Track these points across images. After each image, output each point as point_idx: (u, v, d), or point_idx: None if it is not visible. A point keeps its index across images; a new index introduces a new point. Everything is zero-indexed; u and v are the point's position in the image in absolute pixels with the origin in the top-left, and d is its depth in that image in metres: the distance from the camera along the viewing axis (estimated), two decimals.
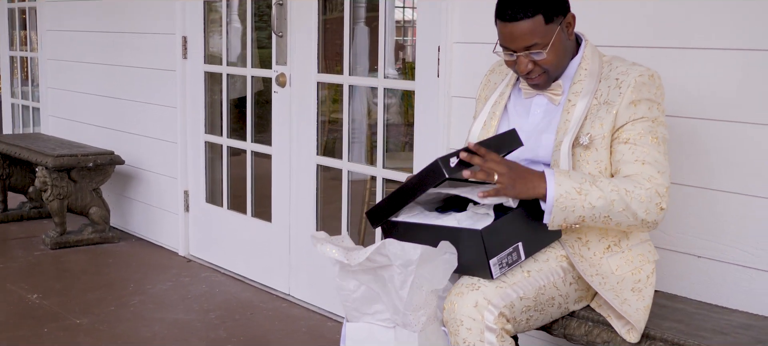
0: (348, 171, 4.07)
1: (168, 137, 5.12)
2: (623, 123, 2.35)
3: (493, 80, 2.72)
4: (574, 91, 2.44)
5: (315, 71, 4.12)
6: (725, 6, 2.62)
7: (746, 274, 2.65)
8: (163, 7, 5.03)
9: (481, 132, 2.60)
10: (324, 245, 2.28)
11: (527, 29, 2.36)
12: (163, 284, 4.57)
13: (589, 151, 2.37)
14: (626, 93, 2.35)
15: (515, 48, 2.39)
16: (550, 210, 2.28)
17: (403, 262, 2.18)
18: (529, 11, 2.34)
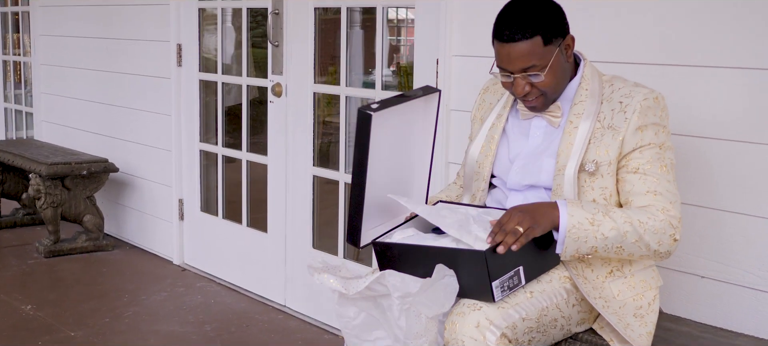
0: (345, 183, 4.03)
1: (162, 145, 5.08)
2: (630, 150, 2.31)
3: (488, 100, 2.66)
4: (576, 113, 2.39)
5: (311, 81, 4.08)
6: (732, 24, 2.58)
7: (753, 296, 2.62)
8: (157, 15, 4.98)
9: (480, 156, 2.55)
10: (321, 275, 2.23)
11: (525, 51, 2.30)
12: (158, 295, 4.53)
13: (594, 177, 2.33)
14: (632, 118, 2.30)
15: (512, 69, 2.33)
16: (562, 240, 2.25)
17: (402, 294, 2.14)
18: (527, 32, 2.29)
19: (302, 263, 4.23)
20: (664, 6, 2.73)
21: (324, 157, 4.29)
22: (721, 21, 2.60)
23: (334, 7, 4.00)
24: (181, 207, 5.02)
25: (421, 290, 2.13)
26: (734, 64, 2.58)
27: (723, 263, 2.67)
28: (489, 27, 3.22)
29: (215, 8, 4.74)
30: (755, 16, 2.53)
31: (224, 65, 4.76)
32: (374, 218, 2.44)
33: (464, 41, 3.36)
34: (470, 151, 2.58)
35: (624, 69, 2.76)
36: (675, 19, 2.70)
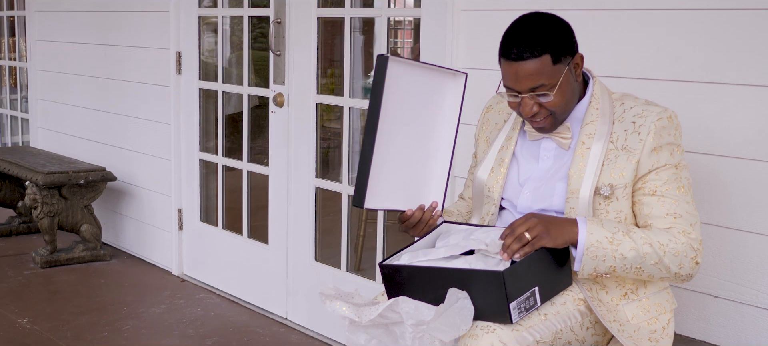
0: (348, 195, 3.97)
1: (161, 154, 5.02)
2: (646, 172, 2.25)
3: (493, 119, 2.58)
4: (587, 134, 2.32)
5: (314, 92, 4.02)
6: (746, 40, 2.53)
7: (767, 317, 2.57)
8: (157, 22, 4.92)
9: (489, 179, 2.47)
10: (334, 303, 2.17)
11: (534, 70, 2.22)
12: (157, 307, 4.47)
13: (609, 201, 2.27)
14: (647, 140, 2.24)
15: (520, 89, 2.25)
16: (580, 258, 2.20)
17: (416, 321, 2.08)
18: (536, 51, 2.22)
19: (304, 275, 4.17)
20: (676, 21, 2.68)
21: (324, 165, 4.22)
22: (736, 37, 2.56)
23: (338, 17, 3.94)
24: (180, 217, 4.96)
25: (436, 316, 2.07)
26: (749, 81, 2.53)
27: (736, 282, 2.63)
28: (496, 41, 3.17)
29: (215, 16, 4.68)
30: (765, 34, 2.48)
31: (225, 73, 4.70)
32: (383, 185, 2.33)
33: (471, 55, 3.30)
34: (478, 175, 2.50)
35: (636, 85, 2.71)
36: (688, 34, 2.66)
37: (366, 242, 4.78)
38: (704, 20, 2.62)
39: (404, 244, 3.75)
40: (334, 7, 4.03)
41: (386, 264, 2.29)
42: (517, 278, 2.13)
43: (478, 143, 2.61)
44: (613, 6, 2.81)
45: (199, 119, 4.79)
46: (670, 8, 2.69)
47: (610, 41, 2.84)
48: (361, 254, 4.73)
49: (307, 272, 4.16)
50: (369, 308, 2.12)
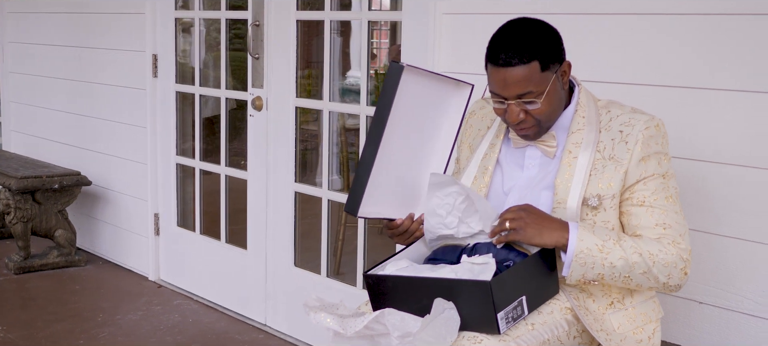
0: (328, 200, 3.93)
1: (137, 158, 4.95)
2: (634, 182, 2.22)
3: (476, 125, 2.53)
4: (574, 142, 2.28)
5: (293, 96, 3.97)
6: (732, 46, 2.52)
7: (752, 323, 2.56)
8: (132, 24, 4.85)
9: (472, 187, 2.41)
10: (318, 314, 2.12)
11: (521, 76, 2.17)
12: (134, 314, 4.40)
13: (597, 211, 2.24)
14: (635, 149, 2.21)
15: (507, 95, 2.19)
16: (569, 264, 2.17)
17: (402, 333, 2.04)
18: (524, 57, 2.16)
19: (284, 281, 4.13)
20: (660, 26, 2.66)
21: (302, 167, 4.16)
22: (719, 42, 2.54)
23: (317, 20, 3.89)
24: (156, 222, 4.89)
25: (422, 328, 2.03)
26: (733, 86, 2.52)
27: (722, 289, 2.61)
28: (479, 45, 3.14)
29: (192, 18, 4.62)
30: (756, 39, 2.47)
31: (202, 76, 4.63)
32: (378, 194, 2.29)
33: (453, 58, 3.27)
34: (462, 183, 2.42)
35: (621, 90, 2.69)
36: (672, 39, 2.64)
37: (345, 245, 4.75)
38: (687, 25, 2.60)
39: (385, 247, 3.73)
40: (313, 10, 3.98)
41: (371, 274, 2.25)
42: (504, 287, 2.10)
43: (460, 149, 2.56)
44: (596, 10, 2.79)
45: (176, 123, 4.73)
46: (653, 13, 2.67)
47: (593, 46, 2.82)
48: (340, 258, 4.69)
49: (287, 277, 4.11)
50: (354, 319, 2.08)
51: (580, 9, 2.85)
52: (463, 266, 2.23)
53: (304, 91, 4.10)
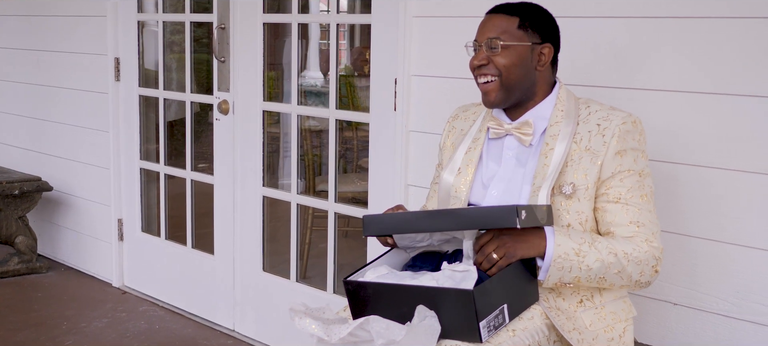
0: (297, 204, 3.90)
1: (100, 163, 4.88)
2: (609, 176, 2.25)
3: (459, 127, 2.57)
4: (551, 135, 2.32)
5: (260, 99, 3.93)
6: (705, 49, 2.54)
7: (726, 324, 2.58)
8: (94, 26, 4.77)
9: (456, 181, 2.44)
10: (303, 320, 2.10)
11: (498, 23, 2.32)
12: (99, 321, 4.33)
13: (570, 201, 2.27)
14: (611, 143, 2.24)
15: (481, 38, 2.34)
16: (546, 269, 2.19)
17: (386, 341, 2.02)
18: (509, 10, 2.33)
19: (252, 286, 4.09)
20: (636, 29, 2.67)
21: (265, 169, 4.11)
22: (693, 45, 2.56)
23: (282, 22, 3.86)
24: (120, 227, 4.83)
25: (406, 336, 2.02)
26: (706, 89, 2.54)
27: (695, 290, 2.63)
28: (449, 48, 3.15)
29: (156, 21, 4.56)
30: (727, 41, 2.49)
31: (166, 80, 4.57)
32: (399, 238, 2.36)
33: (423, 61, 3.26)
34: (445, 177, 2.47)
35: (593, 92, 2.70)
36: (646, 42, 2.65)
37: (312, 248, 4.72)
38: (663, 29, 2.62)
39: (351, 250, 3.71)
40: (280, 13, 3.95)
41: (351, 280, 2.23)
42: (486, 295, 2.09)
43: (443, 151, 2.58)
44: (571, 14, 2.80)
45: (139, 127, 4.66)
46: (629, 16, 2.68)
47: (567, 49, 2.82)
48: (306, 262, 4.67)
49: (255, 282, 4.08)
50: (339, 326, 2.06)
51: (555, 12, 2.85)
52: (443, 273, 2.22)
53: (266, 92, 4.06)
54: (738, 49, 2.47)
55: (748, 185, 2.50)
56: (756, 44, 2.44)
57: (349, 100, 6.31)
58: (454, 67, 3.16)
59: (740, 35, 2.47)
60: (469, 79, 3.05)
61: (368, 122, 3.50)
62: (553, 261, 2.17)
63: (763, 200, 2.48)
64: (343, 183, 5.02)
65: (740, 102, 2.48)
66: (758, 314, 2.52)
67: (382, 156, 3.44)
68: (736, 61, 2.48)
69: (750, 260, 2.52)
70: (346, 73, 8.42)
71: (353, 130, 6.01)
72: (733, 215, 2.53)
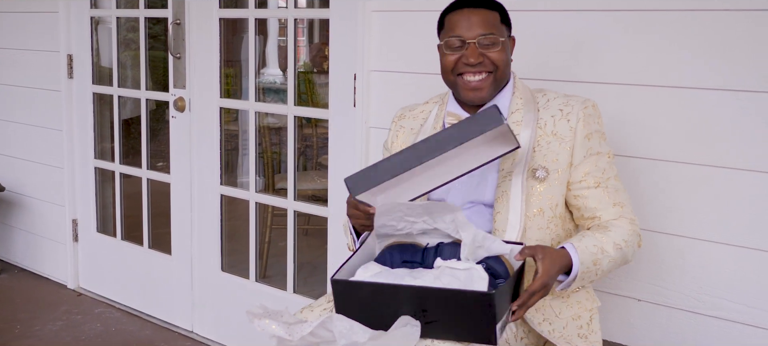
0: (256, 203, 3.83)
1: (53, 162, 4.77)
2: (581, 160, 2.25)
3: (408, 126, 2.50)
4: (514, 122, 2.30)
5: (217, 96, 3.86)
6: (662, 43, 2.52)
7: (690, 319, 2.57)
8: (45, 23, 4.66)
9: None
10: (262, 321, 2.04)
11: (486, 18, 2.26)
12: (53, 324, 4.23)
13: (542, 185, 2.25)
14: (578, 127, 2.25)
15: (470, 35, 2.25)
16: (568, 284, 2.18)
17: (349, 342, 1.97)
18: (488, 4, 2.28)
19: (210, 286, 4.02)
20: (595, 22, 2.65)
21: (224, 167, 4.05)
22: (651, 39, 2.54)
23: (239, 18, 3.79)
24: (75, 228, 4.72)
25: (371, 340, 1.96)
26: (668, 83, 2.52)
27: (660, 285, 2.62)
28: (408, 42, 3.11)
29: (109, 17, 4.46)
30: (686, 36, 2.47)
31: (122, 77, 4.48)
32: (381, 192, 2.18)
33: (383, 56, 3.22)
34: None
35: (552, 86, 2.67)
36: (608, 36, 2.63)
37: (272, 247, 4.66)
38: (623, 21, 2.60)
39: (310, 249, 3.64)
40: (236, 8, 3.88)
41: (341, 280, 2.06)
42: (501, 298, 2.01)
43: (390, 152, 2.51)
44: (529, 7, 2.77)
45: (93, 125, 4.57)
46: (588, 9, 2.66)
47: (526, 43, 2.79)
48: (266, 262, 4.60)
49: (214, 283, 4.01)
50: (300, 325, 2.01)
51: (514, 5, 2.82)
52: (444, 271, 2.12)
53: (224, 89, 3.99)
54: (695, 42, 2.46)
55: (707, 178, 2.49)
56: (713, 37, 2.43)
57: (308, 96, 6.25)
58: (413, 62, 3.12)
59: (697, 28, 2.45)
60: (429, 74, 3.03)
61: (328, 119, 3.45)
62: (578, 278, 2.17)
63: (721, 194, 2.47)
64: (302, 181, 4.96)
65: (698, 95, 2.47)
66: (720, 309, 2.51)
67: (342, 153, 3.39)
68: (694, 54, 2.46)
69: (710, 254, 2.51)
70: (305, 69, 8.36)
71: (313, 127, 5.95)
72: (695, 210, 2.52)
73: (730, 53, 2.41)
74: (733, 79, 2.41)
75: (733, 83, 2.42)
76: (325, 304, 2.27)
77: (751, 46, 2.37)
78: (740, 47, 2.39)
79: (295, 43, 3.61)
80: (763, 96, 2.37)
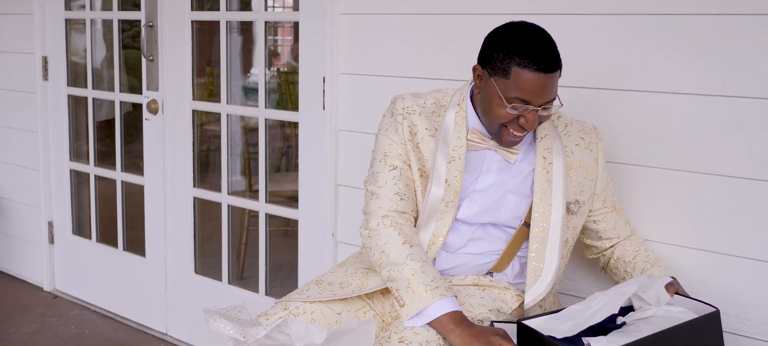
0: (228, 205, 3.83)
1: (29, 164, 4.76)
2: (602, 190, 2.37)
3: (422, 125, 2.28)
4: (545, 148, 2.28)
5: (190, 98, 3.86)
6: (630, 47, 2.53)
7: None
8: (20, 24, 4.65)
9: (445, 193, 2.25)
10: (217, 321, 2.05)
11: (555, 81, 2.11)
12: (28, 327, 4.23)
13: (572, 216, 2.31)
14: (600, 157, 2.35)
15: (540, 101, 2.10)
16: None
17: (305, 344, 1.98)
18: (560, 63, 2.12)
19: (184, 288, 4.02)
20: (562, 26, 2.65)
21: (204, 169, 4.05)
22: (619, 44, 2.55)
23: (212, 20, 3.79)
24: (50, 230, 4.72)
25: (328, 341, 1.97)
26: (634, 86, 2.53)
27: None
28: (376, 44, 3.11)
29: (83, 19, 4.45)
30: (652, 40, 2.48)
31: (95, 79, 4.47)
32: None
33: (352, 59, 3.22)
34: (434, 190, 2.26)
35: None
36: (573, 40, 2.63)
37: (249, 249, 4.65)
38: (588, 25, 2.60)
39: (289, 250, 3.63)
40: (209, 11, 3.88)
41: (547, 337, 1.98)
42: None
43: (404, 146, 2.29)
44: (499, 11, 2.77)
45: (68, 127, 4.56)
46: (552, 13, 2.67)
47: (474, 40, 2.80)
48: (243, 263, 4.60)
49: (187, 285, 4.01)
50: (255, 328, 2.01)
51: (481, 9, 2.83)
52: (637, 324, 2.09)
53: (206, 90, 4.00)
54: (651, 45, 2.47)
55: (666, 181, 2.50)
56: (666, 40, 2.43)
57: (288, 97, 6.24)
58: (382, 65, 3.13)
59: (653, 31, 2.46)
60: (398, 77, 3.05)
61: (298, 122, 3.45)
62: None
63: (678, 197, 2.48)
64: (283, 182, 4.96)
65: (658, 99, 2.48)
66: None
67: (312, 156, 3.39)
68: (651, 57, 2.47)
69: (671, 257, 2.52)
70: (288, 70, 8.34)
71: (293, 128, 5.94)
72: (661, 214, 2.53)
73: (692, 56, 2.42)
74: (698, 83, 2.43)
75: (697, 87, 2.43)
76: (281, 312, 2.24)
77: (712, 49, 2.38)
78: (700, 51, 2.40)
79: (266, 45, 3.61)
80: (727, 100, 2.38)
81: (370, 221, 2.26)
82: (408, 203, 2.29)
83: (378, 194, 2.28)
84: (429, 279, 2.12)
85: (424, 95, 2.35)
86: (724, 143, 2.39)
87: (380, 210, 2.26)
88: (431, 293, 2.08)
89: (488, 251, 2.30)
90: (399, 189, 2.28)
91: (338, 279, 2.34)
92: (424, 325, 2.07)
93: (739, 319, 2.43)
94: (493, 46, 2.15)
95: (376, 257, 2.22)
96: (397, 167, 2.29)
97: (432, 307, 2.07)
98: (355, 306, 2.28)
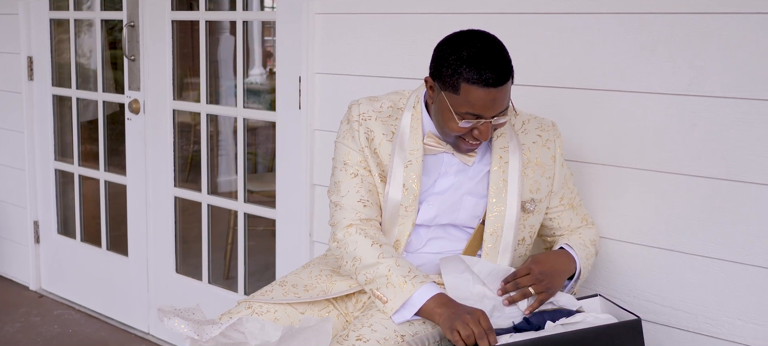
0: (208, 205, 3.84)
1: (15, 164, 4.76)
2: (559, 187, 2.35)
3: (379, 130, 2.27)
4: (501, 146, 2.27)
5: (170, 98, 3.86)
6: (600, 47, 2.53)
7: None
8: (5, 25, 4.66)
9: (404, 198, 2.25)
10: (171, 320, 2.04)
11: (506, 93, 2.09)
12: (12, 326, 4.23)
13: (528, 215, 2.31)
14: (557, 155, 2.32)
15: (492, 113, 2.09)
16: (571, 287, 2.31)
17: (261, 342, 1.98)
18: (510, 75, 2.08)
19: (166, 288, 4.02)
20: (533, 26, 2.65)
21: (194, 169, 4.03)
22: (590, 44, 2.54)
23: (193, 20, 3.79)
24: (36, 229, 4.72)
25: (283, 339, 1.97)
26: (602, 86, 2.53)
27: (607, 290, 2.61)
28: (351, 44, 3.11)
29: (68, 19, 4.45)
30: (623, 39, 2.47)
31: (79, 79, 4.47)
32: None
33: (327, 59, 3.22)
34: (392, 195, 2.25)
35: None
36: (544, 41, 2.63)
37: (234, 249, 4.65)
38: (560, 25, 2.60)
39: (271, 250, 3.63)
40: (189, 10, 3.89)
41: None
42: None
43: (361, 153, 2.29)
44: (471, 10, 2.77)
45: (53, 127, 4.57)
46: (523, 12, 2.66)
47: None
48: (229, 262, 4.60)
49: (169, 284, 4.01)
50: (210, 326, 2.01)
51: (454, 8, 2.83)
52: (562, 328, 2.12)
53: (196, 90, 3.98)
54: (614, 44, 2.46)
55: (630, 180, 2.50)
56: (631, 39, 2.43)
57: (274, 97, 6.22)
58: (357, 64, 3.13)
59: (617, 29, 2.46)
60: (372, 77, 3.05)
61: (275, 122, 3.45)
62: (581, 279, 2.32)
63: (643, 197, 2.48)
64: (269, 182, 4.95)
65: (626, 98, 2.48)
66: (650, 312, 2.52)
67: (288, 155, 3.39)
68: (615, 56, 2.47)
69: (635, 256, 2.52)
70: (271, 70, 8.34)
71: None
72: (628, 213, 2.53)
73: (657, 55, 2.42)
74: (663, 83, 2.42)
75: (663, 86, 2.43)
76: (245, 311, 2.24)
77: (677, 48, 2.38)
78: (668, 50, 2.40)
79: (245, 45, 3.62)
80: (692, 99, 2.38)
81: (337, 233, 2.29)
82: (372, 209, 2.29)
83: (341, 205, 2.29)
84: (405, 271, 2.15)
85: (380, 99, 2.34)
86: (690, 143, 2.38)
87: (345, 220, 2.27)
88: (411, 282, 2.12)
89: (449, 251, 2.30)
90: (362, 196, 2.28)
91: (303, 281, 2.34)
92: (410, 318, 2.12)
93: (706, 320, 2.43)
94: (441, 61, 2.12)
95: (349, 266, 2.24)
96: (358, 175, 2.29)
97: (415, 295, 2.11)
98: (319, 306, 2.28)
